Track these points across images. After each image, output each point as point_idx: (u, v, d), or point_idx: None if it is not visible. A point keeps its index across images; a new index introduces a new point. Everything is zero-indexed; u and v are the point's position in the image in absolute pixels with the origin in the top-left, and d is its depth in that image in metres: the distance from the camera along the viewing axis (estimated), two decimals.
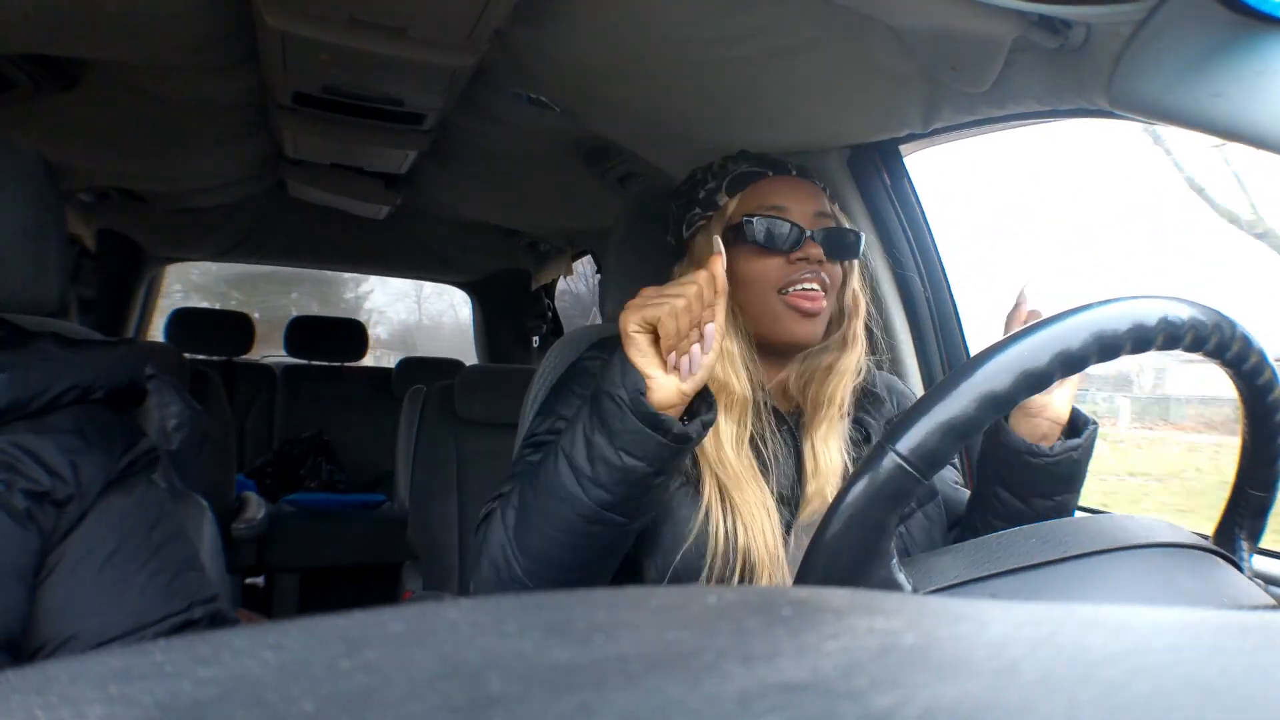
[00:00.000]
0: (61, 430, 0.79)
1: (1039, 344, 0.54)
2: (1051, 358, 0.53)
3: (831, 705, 0.16)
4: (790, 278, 0.95)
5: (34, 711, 0.16)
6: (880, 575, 0.54)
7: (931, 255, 1.45)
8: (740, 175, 1.01)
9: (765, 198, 0.98)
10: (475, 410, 2.18)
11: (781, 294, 0.95)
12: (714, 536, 0.88)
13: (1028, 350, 0.54)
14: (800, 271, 0.95)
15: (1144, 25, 0.79)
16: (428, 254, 3.43)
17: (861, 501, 0.53)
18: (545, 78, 1.50)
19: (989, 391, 0.53)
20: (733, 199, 1.00)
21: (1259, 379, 0.60)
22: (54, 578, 0.76)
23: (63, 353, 0.83)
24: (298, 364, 3.58)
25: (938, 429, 0.53)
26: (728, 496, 0.90)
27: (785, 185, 1.00)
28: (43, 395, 0.79)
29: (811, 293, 0.95)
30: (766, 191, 0.99)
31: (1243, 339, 0.59)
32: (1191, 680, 0.17)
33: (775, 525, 0.91)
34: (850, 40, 1.06)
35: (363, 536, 2.84)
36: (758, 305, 0.97)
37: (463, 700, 0.16)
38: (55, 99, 1.65)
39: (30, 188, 0.86)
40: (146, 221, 2.88)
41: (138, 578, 0.78)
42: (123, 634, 0.76)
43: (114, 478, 0.81)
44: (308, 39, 1.41)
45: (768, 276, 0.96)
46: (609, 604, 0.22)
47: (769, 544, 0.89)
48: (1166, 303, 0.56)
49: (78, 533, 0.77)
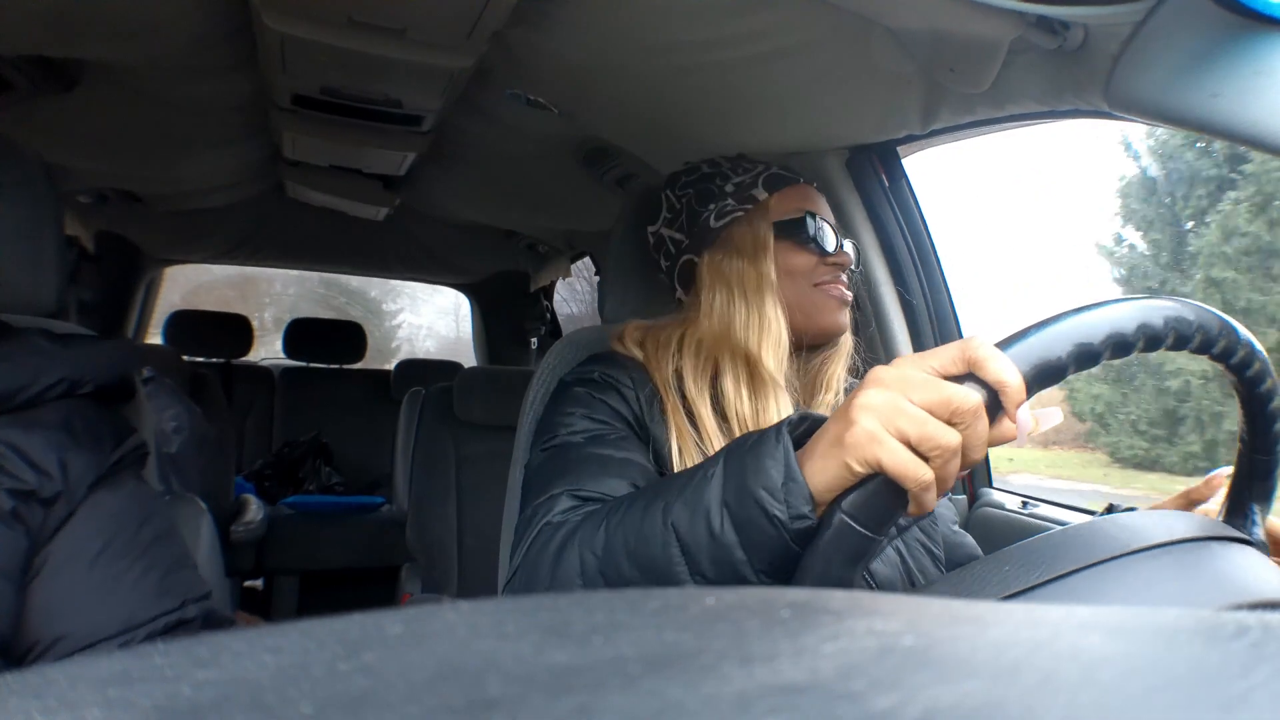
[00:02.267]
0: (49, 426, 0.78)
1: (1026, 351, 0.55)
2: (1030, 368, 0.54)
3: (830, 707, 0.16)
4: (823, 275, 1.01)
5: (32, 715, 0.16)
6: None
7: (929, 257, 1.45)
8: (774, 175, 1.04)
9: (800, 201, 1.03)
10: (474, 412, 2.17)
11: (817, 286, 1.01)
12: None
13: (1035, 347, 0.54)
14: (832, 272, 1.01)
15: (1142, 26, 0.79)
16: (426, 255, 3.43)
17: (819, 565, 0.55)
18: (544, 79, 1.50)
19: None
20: (770, 195, 1.03)
21: (1249, 372, 0.61)
22: (42, 577, 0.74)
23: (51, 346, 0.82)
24: (296, 366, 3.58)
25: (879, 486, 0.54)
26: None
27: (812, 194, 1.05)
28: (30, 388, 0.77)
29: (843, 292, 1.01)
30: (800, 196, 1.04)
31: (1247, 345, 0.60)
32: (1190, 682, 0.17)
33: None
34: (849, 41, 1.07)
35: (361, 539, 2.84)
36: (797, 296, 1.00)
37: (461, 702, 0.16)
38: (54, 101, 1.65)
39: (29, 189, 0.86)
40: (145, 223, 2.88)
41: (128, 576, 0.77)
42: (114, 634, 0.75)
43: (103, 474, 0.79)
44: (306, 41, 1.41)
45: (806, 271, 1.01)
46: (607, 606, 0.22)
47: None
48: (1174, 304, 0.57)
49: (66, 531, 0.76)
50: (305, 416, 3.42)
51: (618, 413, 0.93)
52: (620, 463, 0.84)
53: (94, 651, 0.75)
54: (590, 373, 0.98)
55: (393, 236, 3.15)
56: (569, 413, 0.92)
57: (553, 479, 0.83)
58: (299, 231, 3.17)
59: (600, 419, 0.91)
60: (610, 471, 0.83)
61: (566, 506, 0.79)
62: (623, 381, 0.95)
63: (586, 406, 0.92)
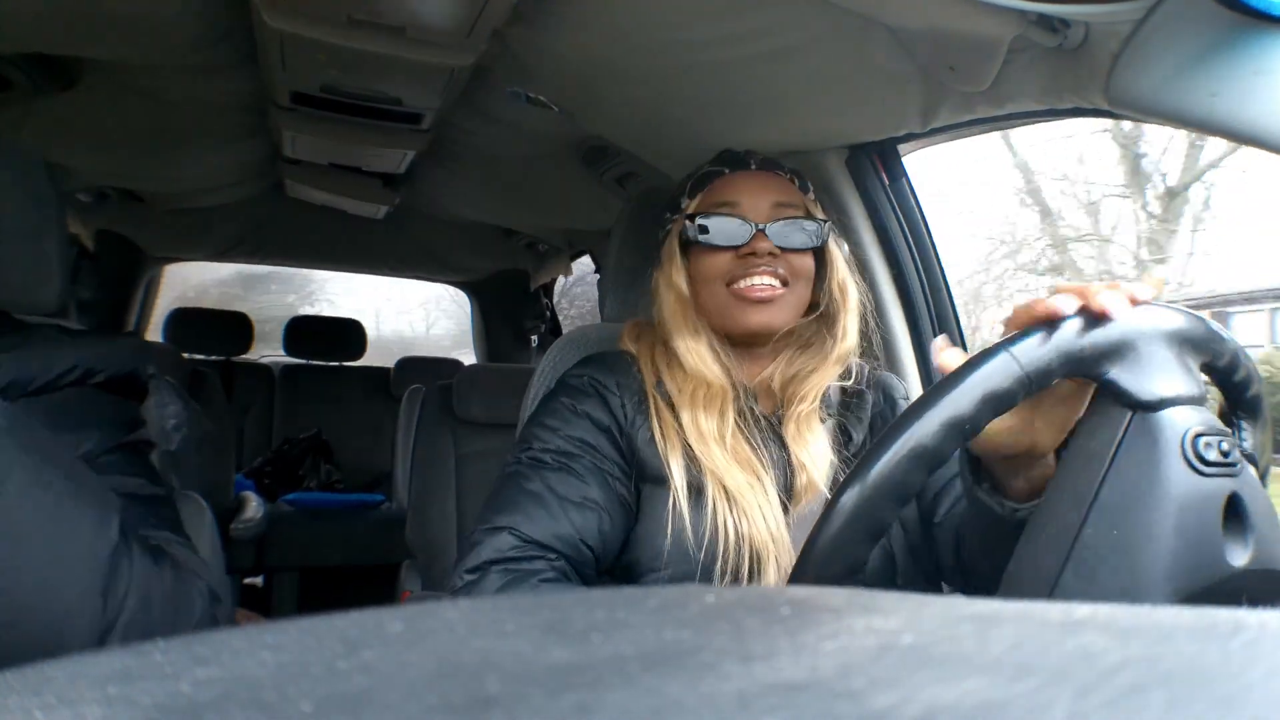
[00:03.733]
0: (63, 411, 0.80)
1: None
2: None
3: (830, 705, 0.16)
4: (739, 272, 0.96)
5: (32, 712, 0.16)
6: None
7: (930, 255, 1.45)
8: (702, 175, 1.02)
9: (719, 195, 0.99)
10: (474, 410, 2.17)
11: (729, 287, 0.97)
12: (722, 530, 0.89)
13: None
14: (749, 266, 0.95)
15: (1142, 24, 0.79)
16: (426, 254, 3.43)
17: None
18: (544, 77, 1.50)
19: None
20: (693, 200, 1.01)
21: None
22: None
23: (65, 337, 0.85)
24: (296, 364, 3.58)
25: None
26: (725, 490, 0.90)
27: (740, 181, 1.00)
28: (44, 374, 0.80)
29: (759, 286, 0.95)
30: (721, 189, 1.00)
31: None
32: (1194, 681, 0.17)
33: (774, 506, 0.91)
34: (849, 40, 1.06)
35: (361, 536, 2.84)
36: (710, 300, 0.98)
37: (461, 700, 0.16)
38: (54, 99, 1.65)
39: (30, 188, 0.86)
40: (145, 222, 2.87)
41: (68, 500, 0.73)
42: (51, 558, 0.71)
43: (109, 449, 0.81)
44: (306, 39, 1.41)
45: (718, 272, 0.97)
46: (607, 604, 0.22)
47: (770, 527, 0.89)
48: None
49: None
50: (305, 414, 3.41)
51: (597, 424, 0.95)
52: (576, 506, 0.89)
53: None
54: (579, 377, 0.99)
55: (392, 235, 3.15)
56: (547, 425, 0.95)
57: (505, 506, 0.89)
58: (299, 230, 3.16)
59: (576, 437, 0.93)
60: (555, 516, 0.88)
61: (509, 545, 0.86)
62: (609, 387, 0.97)
63: (564, 421, 0.95)
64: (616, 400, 0.96)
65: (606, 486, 0.91)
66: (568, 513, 0.88)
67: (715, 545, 0.88)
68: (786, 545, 0.90)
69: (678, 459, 0.92)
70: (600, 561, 0.91)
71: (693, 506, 0.90)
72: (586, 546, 0.88)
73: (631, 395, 0.97)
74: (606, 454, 0.93)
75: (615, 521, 0.91)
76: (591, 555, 0.89)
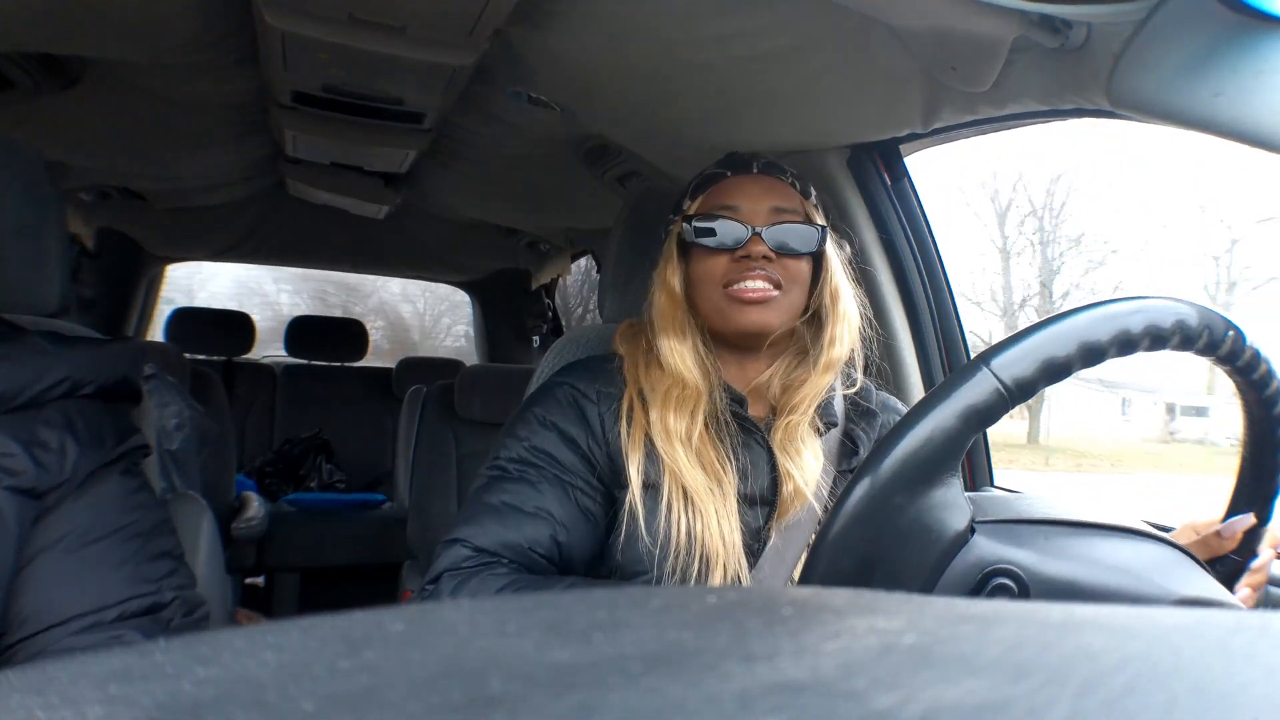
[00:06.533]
0: (51, 425, 0.79)
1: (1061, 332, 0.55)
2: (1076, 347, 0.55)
3: (832, 705, 0.16)
4: (734, 275, 0.96)
5: (34, 712, 0.16)
6: (945, 490, 0.56)
7: (932, 255, 1.45)
8: (704, 178, 1.03)
9: (720, 198, 0.99)
10: (475, 410, 2.18)
11: (725, 289, 0.97)
12: (675, 529, 0.89)
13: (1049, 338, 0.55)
14: (744, 268, 0.96)
15: (1144, 25, 0.79)
16: (427, 253, 3.44)
17: (949, 417, 0.55)
18: (545, 77, 1.50)
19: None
20: (695, 201, 1.02)
21: (1254, 373, 0.61)
22: (26, 570, 0.75)
23: (54, 348, 0.83)
24: (298, 364, 3.58)
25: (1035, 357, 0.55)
26: (683, 490, 0.91)
27: (741, 184, 1.00)
28: (31, 388, 0.78)
29: (752, 288, 0.95)
30: (722, 192, 1.00)
31: (1253, 349, 0.60)
32: (1194, 681, 0.17)
33: (731, 512, 0.91)
34: (850, 40, 1.06)
35: (363, 536, 2.84)
36: (706, 302, 0.99)
37: (463, 700, 0.16)
38: (55, 98, 1.65)
39: (30, 187, 0.86)
40: (146, 221, 2.88)
41: (105, 562, 0.77)
42: (84, 612, 0.75)
43: (99, 468, 0.80)
44: (307, 38, 1.41)
45: (714, 274, 0.97)
46: (609, 604, 0.22)
47: (723, 532, 0.90)
48: (1181, 305, 0.57)
49: (51, 519, 0.76)
50: (307, 414, 3.42)
51: (564, 435, 0.95)
52: (529, 516, 0.90)
53: (64, 629, 0.74)
54: (560, 386, 1.00)
55: (394, 234, 3.15)
56: (515, 434, 0.97)
57: (465, 519, 0.92)
58: (300, 229, 3.17)
59: (539, 448, 0.95)
60: (508, 525, 0.90)
61: (462, 557, 0.88)
62: (588, 396, 0.98)
63: (532, 431, 0.96)
64: (594, 409, 0.97)
65: (566, 498, 0.92)
66: (520, 523, 0.89)
67: (667, 545, 0.89)
68: (738, 552, 0.90)
69: (637, 457, 0.92)
70: (564, 569, 0.91)
71: (648, 504, 0.91)
72: (540, 555, 0.89)
73: (610, 403, 0.97)
74: (570, 466, 0.94)
75: (574, 533, 0.91)
76: (546, 563, 0.90)
